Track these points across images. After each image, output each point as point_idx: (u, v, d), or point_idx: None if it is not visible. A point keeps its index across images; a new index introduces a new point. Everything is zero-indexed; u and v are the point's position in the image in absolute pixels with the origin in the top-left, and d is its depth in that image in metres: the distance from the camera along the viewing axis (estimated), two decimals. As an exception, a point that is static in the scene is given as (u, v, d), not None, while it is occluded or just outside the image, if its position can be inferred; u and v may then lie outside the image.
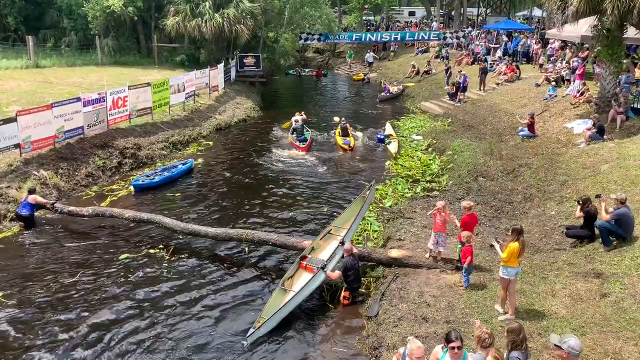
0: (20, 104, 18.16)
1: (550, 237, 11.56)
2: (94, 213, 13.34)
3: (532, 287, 9.24)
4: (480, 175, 16.06)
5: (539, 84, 23.86)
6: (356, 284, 10.16)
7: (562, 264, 10.05)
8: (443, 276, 9.98)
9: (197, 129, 22.84)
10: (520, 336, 6.40)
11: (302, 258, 10.81)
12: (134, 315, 9.61)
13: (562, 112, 20.03)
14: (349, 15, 58.72)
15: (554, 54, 26.57)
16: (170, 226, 12.47)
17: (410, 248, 11.15)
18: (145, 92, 20.53)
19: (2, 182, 14.21)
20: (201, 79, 25.79)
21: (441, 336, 8.09)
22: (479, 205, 13.82)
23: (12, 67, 25.99)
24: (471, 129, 21.73)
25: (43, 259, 11.71)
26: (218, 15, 29.30)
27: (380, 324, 8.88)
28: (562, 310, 8.41)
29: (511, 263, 8.16)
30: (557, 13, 17.35)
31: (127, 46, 34.01)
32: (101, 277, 10.92)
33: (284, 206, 15.05)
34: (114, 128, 18.93)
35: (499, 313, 8.55)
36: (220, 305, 9.98)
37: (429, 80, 33.98)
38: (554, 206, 13.17)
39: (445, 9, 55.63)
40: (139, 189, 15.96)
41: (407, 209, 13.92)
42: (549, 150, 17.21)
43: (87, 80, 24.24)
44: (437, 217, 10.35)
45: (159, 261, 11.65)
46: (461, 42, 38.46)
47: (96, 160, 17.00)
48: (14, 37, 34.22)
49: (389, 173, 17.80)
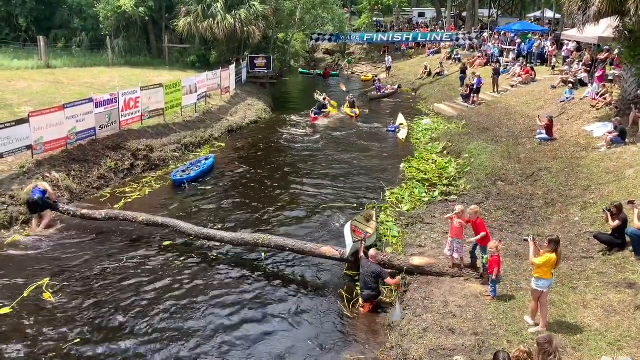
0: (31, 105, 17.99)
1: (576, 244, 11.20)
2: (107, 216, 13.10)
3: (562, 297, 8.91)
4: (499, 179, 15.71)
5: (555, 86, 23.48)
6: (365, 291, 9.79)
7: (592, 273, 9.71)
8: (468, 285, 9.66)
9: (209, 130, 22.62)
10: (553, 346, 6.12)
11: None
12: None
13: (580, 115, 19.64)
14: (358, 17, 58.42)
15: (569, 55, 26.15)
16: (185, 230, 12.22)
17: (432, 255, 10.84)
18: (157, 93, 20.32)
19: (14, 184, 14.01)
20: (213, 80, 25.57)
21: (470, 348, 7.80)
22: (499, 210, 13.52)
23: (23, 67, 25.90)
24: (487, 132, 21.36)
25: (85, 249, 12.03)
26: (230, 16, 29.09)
27: (404, 335, 8.56)
28: (595, 323, 8.08)
29: (544, 274, 7.83)
30: (577, 14, 16.97)
31: (138, 47, 33.88)
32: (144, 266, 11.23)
33: (299, 206, 14.89)
34: (126, 129, 18.73)
35: (529, 325, 8.22)
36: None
37: (441, 82, 33.63)
38: (577, 212, 12.81)
39: (456, 10, 55.20)
40: (178, 184, 16.38)
41: (426, 213, 13.60)
42: (569, 154, 16.82)
43: (98, 81, 24.08)
44: (453, 221, 10.08)
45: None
46: (473, 43, 38.08)
47: (108, 162, 16.78)
48: (25, 37, 34.16)
49: (404, 176, 17.50)
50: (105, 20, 31.25)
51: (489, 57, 32.62)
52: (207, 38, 30.63)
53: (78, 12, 33.85)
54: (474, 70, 29.94)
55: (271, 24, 33.14)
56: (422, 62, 39.10)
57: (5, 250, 11.86)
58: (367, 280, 9.72)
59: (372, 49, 51.72)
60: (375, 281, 9.74)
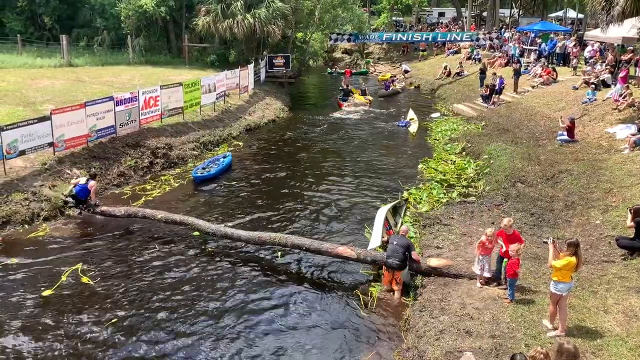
0: (54, 103, 18.27)
1: (596, 248, 11.02)
2: (126, 214, 13.27)
3: (582, 301, 8.76)
4: (519, 181, 15.52)
5: (577, 87, 23.11)
6: (392, 259, 10.13)
7: (613, 277, 9.53)
8: (485, 287, 9.56)
9: (227, 129, 22.75)
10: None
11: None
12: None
13: (602, 117, 19.31)
14: (377, 17, 58.24)
15: (593, 56, 25.73)
16: (203, 228, 12.31)
17: (449, 257, 10.74)
18: (176, 92, 20.49)
19: (37, 180, 14.24)
20: (232, 80, 25.70)
21: (487, 351, 7.72)
22: (519, 212, 13.34)
23: (46, 65, 26.32)
24: (506, 133, 21.12)
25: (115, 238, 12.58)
26: (249, 16, 29.20)
27: (420, 336, 8.50)
28: (616, 328, 7.93)
29: (564, 278, 7.70)
30: (601, 13, 16.72)
31: (158, 46, 34.21)
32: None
33: (316, 205, 14.89)
34: (146, 127, 18.92)
35: (547, 329, 8.10)
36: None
37: (460, 82, 33.37)
38: (598, 215, 12.59)
39: (476, 9, 54.71)
40: (199, 181, 16.59)
41: (444, 214, 13.49)
42: (590, 156, 16.55)
43: (119, 80, 24.36)
44: (485, 243, 9.51)
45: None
46: (494, 43, 37.69)
47: (128, 160, 16.98)
48: (48, 36, 34.71)
49: (422, 176, 17.41)
50: (126, 20, 31.62)
51: (509, 58, 32.26)
52: (226, 37, 30.78)
53: (100, 11, 34.31)
54: (494, 71, 29.63)
55: (290, 24, 33.18)
56: (440, 62, 38.83)
57: (33, 241, 12.31)
58: (397, 249, 10.15)
59: (391, 49, 51.51)
60: (404, 253, 10.13)
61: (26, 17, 34.66)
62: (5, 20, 34.11)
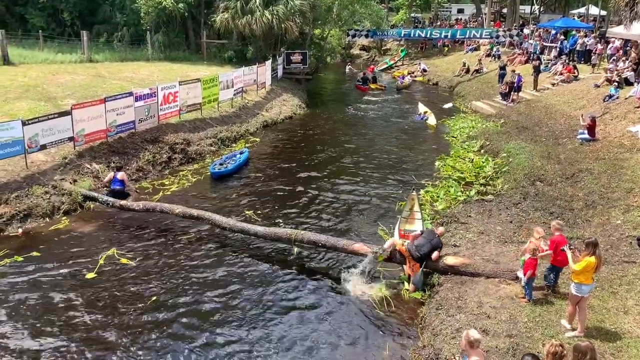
0: (74, 98, 18.49)
1: (617, 248, 10.86)
2: (144, 208, 13.40)
3: (602, 302, 8.65)
4: (538, 180, 15.34)
5: (599, 84, 22.75)
6: (418, 254, 10.28)
7: (633, 278, 9.39)
8: (503, 286, 9.47)
9: (245, 125, 22.83)
10: (587, 357, 5.90)
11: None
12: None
13: (625, 115, 18.98)
14: (395, 13, 57.89)
15: (615, 53, 25.29)
16: (219, 223, 12.38)
17: (467, 255, 10.67)
18: (195, 88, 20.61)
19: (57, 174, 14.46)
20: (249, 76, 25.75)
21: (503, 351, 7.66)
22: (537, 211, 13.23)
23: (67, 61, 26.59)
24: (525, 131, 20.88)
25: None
26: (268, 12, 29.23)
27: (436, 334, 8.47)
28: (636, 329, 7.82)
29: (585, 280, 7.60)
30: (624, 10, 16.45)
31: (177, 42, 34.34)
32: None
33: (332, 202, 14.91)
34: (164, 123, 19.07)
35: (565, 329, 8.01)
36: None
37: (480, 79, 33.06)
38: (619, 215, 12.40)
39: (496, 6, 54.07)
40: (216, 176, 16.71)
41: (462, 213, 13.40)
42: (612, 155, 16.27)
43: (138, 75, 24.56)
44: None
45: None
46: (514, 40, 37.26)
47: (146, 155, 17.14)
48: (69, 32, 35.10)
49: (439, 174, 17.31)
50: (146, 16, 31.81)
51: (529, 55, 31.85)
52: (244, 34, 30.84)
53: (120, 7, 34.60)
54: (513, 68, 29.29)
55: (308, 20, 33.09)
56: (459, 59, 38.50)
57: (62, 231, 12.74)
58: (426, 245, 10.27)
59: (409, 45, 51.17)
60: (431, 251, 10.24)
61: (48, 13, 35.06)
62: (28, 16, 34.55)
